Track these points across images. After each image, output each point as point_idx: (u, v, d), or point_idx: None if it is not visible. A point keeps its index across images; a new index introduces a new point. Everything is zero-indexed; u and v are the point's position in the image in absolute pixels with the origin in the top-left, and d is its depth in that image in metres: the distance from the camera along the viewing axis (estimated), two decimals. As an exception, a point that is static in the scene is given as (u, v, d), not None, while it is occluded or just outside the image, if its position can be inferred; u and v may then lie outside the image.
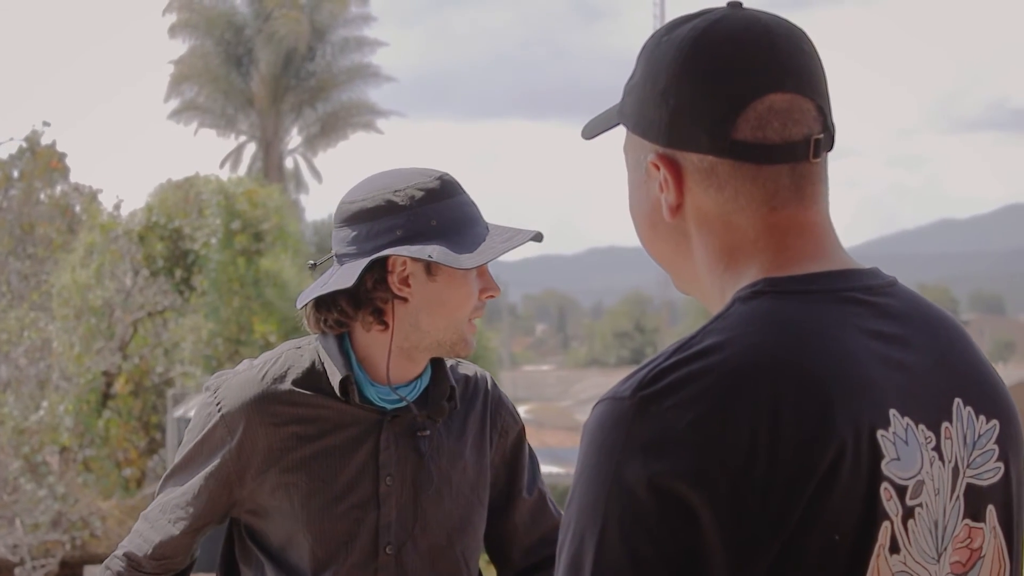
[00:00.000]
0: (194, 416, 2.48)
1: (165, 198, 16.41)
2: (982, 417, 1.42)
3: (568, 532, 1.32)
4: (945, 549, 1.37)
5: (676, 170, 1.43)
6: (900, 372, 1.37)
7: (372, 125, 38.55)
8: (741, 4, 1.46)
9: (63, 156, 15.96)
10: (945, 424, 1.39)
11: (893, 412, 1.34)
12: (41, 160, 15.46)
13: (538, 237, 2.42)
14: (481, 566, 2.62)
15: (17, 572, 12.48)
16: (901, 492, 1.33)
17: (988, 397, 1.44)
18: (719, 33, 1.42)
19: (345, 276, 2.35)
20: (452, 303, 2.39)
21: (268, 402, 2.41)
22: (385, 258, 2.35)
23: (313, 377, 2.44)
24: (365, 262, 2.34)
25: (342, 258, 2.39)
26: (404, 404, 2.44)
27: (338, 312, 2.40)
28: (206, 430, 2.44)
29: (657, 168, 1.44)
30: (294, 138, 38.79)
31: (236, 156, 38.70)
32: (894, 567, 1.33)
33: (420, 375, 2.48)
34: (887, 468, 1.32)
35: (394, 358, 2.42)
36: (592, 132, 1.58)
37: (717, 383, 1.29)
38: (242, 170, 36.60)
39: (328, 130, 38.07)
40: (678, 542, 1.26)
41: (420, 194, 2.37)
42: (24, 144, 15.38)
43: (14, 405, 13.64)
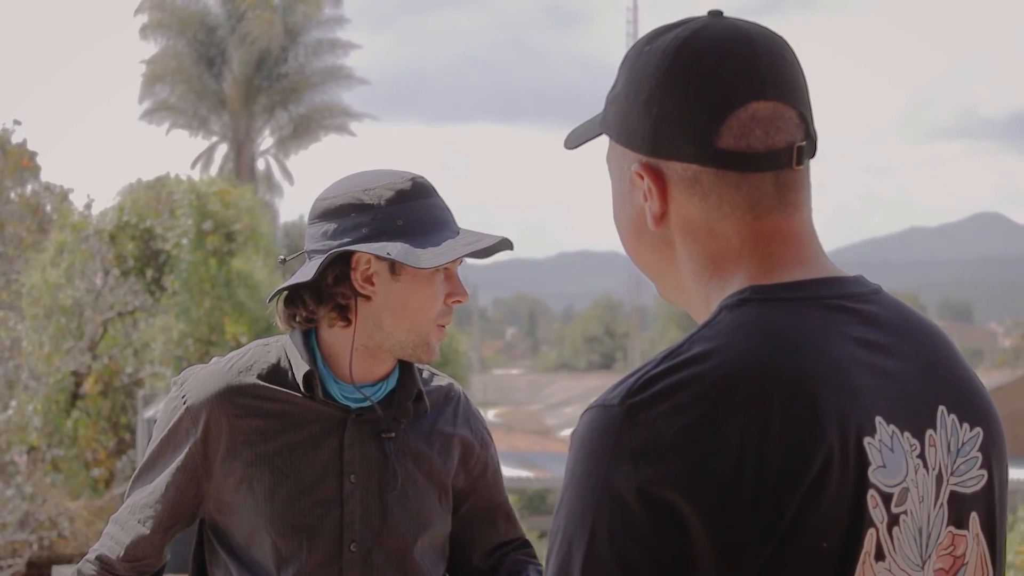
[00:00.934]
0: (161, 411, 2.49)
1: (137, 198, 16.32)
2: (966, 425, 1.43)
3: (556, 539, 1.32)
4: (929, 556, 1.38)
5: (660, 179, 1.43)
6: (885, 380, 1.38)
7: (344, 127, 38.47)
8: (722, 13, 1.47)
9: (34, 155, 15.89)
10: (929, 432, 1.40)
11: (879, 419, 1.35)
12: (12, 159, 15.39)
13: (505, 243, 2.41)
14: None
15: (-16, 572, 12.41)
16: (887, 499, 1.33)
17: (972, 405, 1.45)
18: (701, 42, 1.42)
19: (308, 270, 2.38)
20: (415, 304, 2.39)
21: (232, 394, 2.42)
22: (349, 255, 2.37)
23: (278, 373, 2.45)
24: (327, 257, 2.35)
25: (311, 254, 2.41)
26: (369, 404, 2.44)
27: (302, 306, 2.41)
28: (172, 423, 2.45)
29: (641, 177, 1.44)
30: (266, 139, 38.69)
31: (208, 157, 38.57)
32: (879, 574, 1.33)
33: (387, 376, 2.48)
34: (873, 475, 1.33)
35: (358, 356, 2.43)
36: (575, 142, 1.59)
37: (706, 391, 1.29)
38: (213, 171, 36.47)
39: (300, 132, 37.95)
40: (667, 549, 1.26)
41: (390, 194, 2.38)
42: (-6, 143, 15.30)
43: (-18, 404, 13.56)
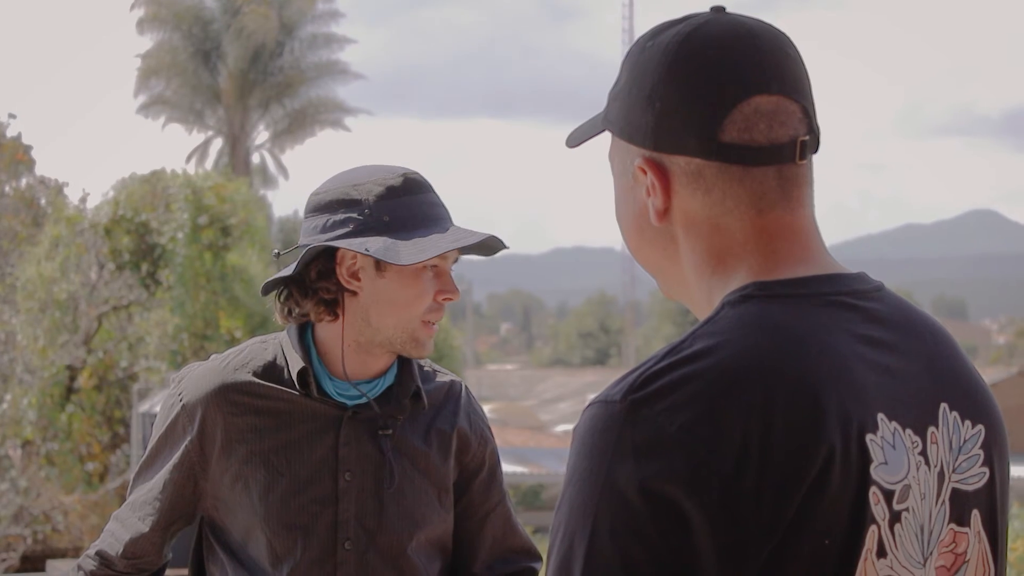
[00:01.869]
0: (160, 410, 2.49)
1: (132, 192, 16.31)
2: (967, 422, 1.43)
3: (558, 534, 1.31)
4: (931, 553, 1.37)
5: (663, 174, 1.43)
6: (888, 376, 1.38)
7: (340, 122, 38.46)
8: (724, 8, 1.47)
9: (28, 149, 15.87)
10: (931, 429, 1.39)
11: (881, 416, 1.35)
12: (6, 153, 15.38)
13: (494, 240, 2.40)
14: None
15: (-22, 566, 12.40)
16: (888, 496, 1.33)
17: (973, 402, 1.45)
18: (704, 37, 1.42)
19: (294, 264, 2.38)
20: (401, 301, 2.38)
21: (227, 391, 2.42)
22: (334, 250, 2.36)
23: (274, 370, 2.44)
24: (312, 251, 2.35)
25: (304, 248, 2.40)
26: (364, 401, 2.43)
27: (293, 301, 2.41)
28: (169, 421, 2.45)
29: (644, 172, 1.44)
30: (261, 134, 38.69)
31: (203, 151, 38.57)
32: (881, 571, 1.33)
33: (384, 373, 2.47)
34: (875, 472, 1.32)
35: (350, 352, 2.42)
36: (577, 140, 1.58)
37: (708, 387, 1.29)
38: (209, 165, 36.48)
39: (295, 127, 37.94)
40: (669, 545, 1.26)
41: (379, 189, 2.36)
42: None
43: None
